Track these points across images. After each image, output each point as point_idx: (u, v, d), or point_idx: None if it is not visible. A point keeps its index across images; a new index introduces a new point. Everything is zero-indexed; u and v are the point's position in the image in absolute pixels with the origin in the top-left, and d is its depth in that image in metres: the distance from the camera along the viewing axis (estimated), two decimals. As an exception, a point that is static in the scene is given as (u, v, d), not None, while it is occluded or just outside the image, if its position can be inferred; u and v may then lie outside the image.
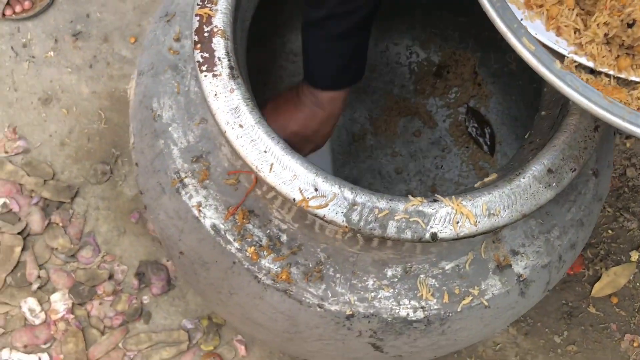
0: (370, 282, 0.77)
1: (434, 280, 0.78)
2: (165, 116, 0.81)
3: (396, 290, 0.77)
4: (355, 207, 0.64)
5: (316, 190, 0.64)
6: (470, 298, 0.78)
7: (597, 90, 0.60)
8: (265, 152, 0.65)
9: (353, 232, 0.66)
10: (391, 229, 0.65)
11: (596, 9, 0.61)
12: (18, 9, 1.34)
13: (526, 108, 1.13)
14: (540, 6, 0.63)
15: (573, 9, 0.62)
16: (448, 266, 0.78)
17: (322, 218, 0.65)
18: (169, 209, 0.81)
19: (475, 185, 0.70)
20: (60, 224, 1.24)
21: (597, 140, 0.70)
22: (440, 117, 1.21)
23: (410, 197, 0.65)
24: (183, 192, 0.79)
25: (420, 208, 0.65)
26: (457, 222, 0.65)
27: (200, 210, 0.78)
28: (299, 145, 0.88)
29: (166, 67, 0.82)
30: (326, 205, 0.64)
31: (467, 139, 1.19)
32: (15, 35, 1.37)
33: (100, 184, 1.29)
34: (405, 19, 1.20)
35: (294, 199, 0.65)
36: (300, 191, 0.64)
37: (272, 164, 0.65)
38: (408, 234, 0.65)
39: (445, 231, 0.65)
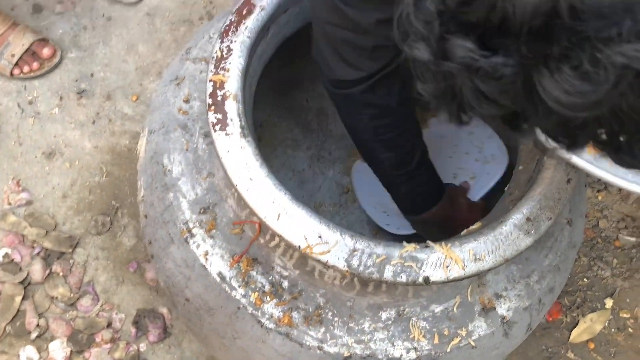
0: (366, 324, 0.83)
1: (425, 323, 0.84)
2: (175, 171, 0.87)
3: (390, 332, 0.83)
4: (355, 252, 0.71)
5: (320, 237, 0.71)
6: (459, 339, 0.84)
7: None
8: (273, 202, 0.72)
9: (353, 277, 0.72)
10: (388, 273, 0.71)
11: None
12: (26, 69, 1.42)
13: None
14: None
15: None
16: (438, 309, 0.84)
17: (325, 263, 0.71)
18: (177, 258, 0.86)
19: (462, 233, 0.77)
20: (61, 274, 1.29)
21: (570, 191, 0.78)
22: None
23: (404, 243, 0.72)
24: (191, 242, 0.85)
25: (414, 254, 0.72)
26: (447, 266, 0.72)
27: (207, 259, 0.84)
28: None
29: (176, 126, 0.90)
30: (329, 251, 0.71)
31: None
32: (21, 93, 1.44)
33: (100, 235, 1.34)
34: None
35: (299, 246, 0.71)
36: (305, 238, 0.71)
37: (279, 214, 0.71)
38: (403, 278, 0.71)
39: (436, 275, 0.72)
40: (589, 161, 0.65)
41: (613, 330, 1.34)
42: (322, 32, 0.78)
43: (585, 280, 1.37)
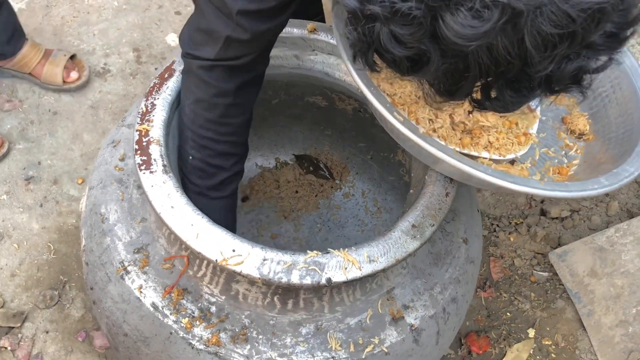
0: (288, 339, 0.92)
1: (341, 334, 0.93)
2: (111, 218, 0.98)
3: (310, 345, 0.92)
4: (265, 261, 0.82)
5: (234, 251, 0.82)
6: (372, 346, 0.93)
7: (445, 144, 0.84)
8: (192, 225, 0.83)
9: (265, 283, 0.83)
10: (295, 277, 0.82)
11: (445, 104, 0.86)
12: (-24, 160, 1.53)
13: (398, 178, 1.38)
14: (403, 104, 0.88)
15: (425, 107, 0.88)
16: (352, 322, 0.94)
17: (240, 273, 0.82)
18: (115, 295, 0.95)
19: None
20: (9, 348, 1.33)
21: (449, 203, 0.92)
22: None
23: (308, 251, 0.84)
24: (127, 278, 0.94)
25: (317, 259, 0.83)
26: (346, 268, 0.83)
27: (141, 292, 0.93)
28: None
29: (112, 180, 1.02)
30: (242, 262, 0.82)
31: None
32: (-28, 183, 1.54)
33: (48, 309, 1.40)
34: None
35: (216, 260, 0.82)
36: (221, 253, 0.82)
37: (198, 233, 0.83)
38: (308, 280, 0.82)
39: (337, 276, 0.83)
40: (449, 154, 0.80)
41: (538, 357, 1.44)
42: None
43: (508, 314, 1.48)
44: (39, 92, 1.66)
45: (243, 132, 1.01)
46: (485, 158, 0.89)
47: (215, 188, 1.00)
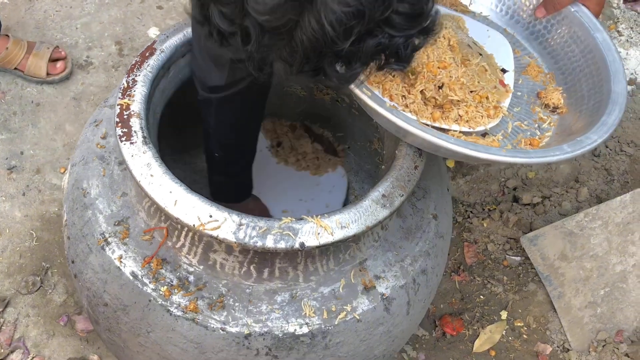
0: (264, 307, 0.95)
1: (315, 302, 0.97)
2: (93, 193, 1.01)
3: (285, 312, 0.95)
4: (241, 227, 0.86)
5: (210, 216, 0.86)
6: (345, 313, 0.97)
7: (413, 117, 0.89)
8: (170, 192, 0.87)
9: (241, 247, 0.87)
10: (269, 242, 0.86)
11: (417, 81, 0.93)
12: (-43, 150, 1.55)
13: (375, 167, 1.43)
14: (378, 82, 0.93)
15: (399, 84, 0.94)
16: (326, 290, 0.98)
17: (216, 238, 0.85)
18: (95, 265, 0.98)
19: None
20: (-9, 331, 1.35)
21: (417, 175, 0.96)
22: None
23: (282, 217, 0.87)
24: (107, 249, 0.97)
25: (291, 224, 0.87)
26: (319, 233, 0.87)
27: (121, 262, 0.96)
28: None
29: (94, 157, 1.05)
30: (219, 227, 0.85)
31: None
32: (-46, 172, 1.56)
33: (30, 294, 1.42)
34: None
35: (193, 225, 0.85)
36: (199, 218, 0.86)
37: (176, 200, 0.86)
38: (282, 244, 0.86)
39: (310, 240, 0.87)
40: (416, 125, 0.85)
41: (510, 338, 1.48)
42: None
43: (481, 297, 1.53)
44: (21, 84, 1.69)
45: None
46: (456, 131, 0.94)
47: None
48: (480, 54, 1.02)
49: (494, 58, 1.06)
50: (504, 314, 1.51)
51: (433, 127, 0.92)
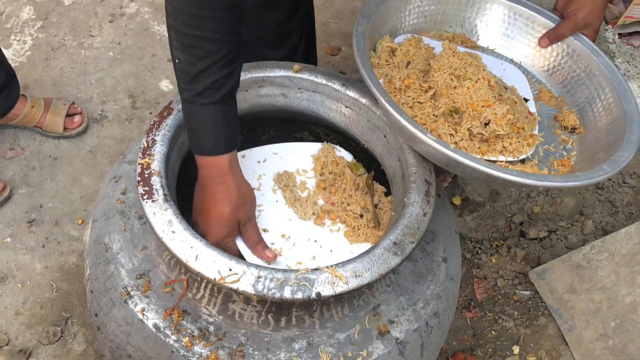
0: (282, 355, 0.99)
1: (331, 348, 1.00)
2: (115, 247, 1.06)
3: (303, 359, 0.98)
4: (260, 279, 0.90)
5: (230, 270, 0.90)
6: (361, 358, 1.00)
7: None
8: (191, 247, 0.91)
9: (259, 300, 0.90)
10: (287, 292, 0.90)
11: (463, 120, 1.04)
12: (-21, 205, 1.60)
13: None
14: (424, 124, 1.05)
15: (444, 123, 1.04)
16: (342, 337, 1.01)
17: (236, 290, 0.89)
18: (119, 318, 1.02)
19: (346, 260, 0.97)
20: (14, 383, 1.38)
21: (426, 222, 1.00)
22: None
23: (299, 268, 0.91)
24: (130, 302, 1.01)
25: (307, 275, 0.91)
26: (334, 283, 0.91)
27: (144, 314, 1.00)
28: (229, 229, 1.02)
29: (115, 212, 1.10)
30: (238, 280, 0.89)
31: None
32: (-24, 228, 1.61)
33: (51, 344, 1.46)
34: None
35: (214, 278, 0.89)
36: (219, 272, 0.90)
37: (197, 255, 0.90)
38: (300, 295, 0.90)
39: (326, 290, 0.90)
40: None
41: (523, 373, 1.50)
42: None
43: (493, 332, 1.55)
44: (39, 140, 1.75)
45: (231, 28, 0.90)
46: (502, 161, 1.04)
47: (202, 94, 0.92)
48: (506, 87, 1.12)
49: (516, 90, 1.16)
50: (516, 349, 1.53)
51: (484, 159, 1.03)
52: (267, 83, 1.18)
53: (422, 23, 1.28)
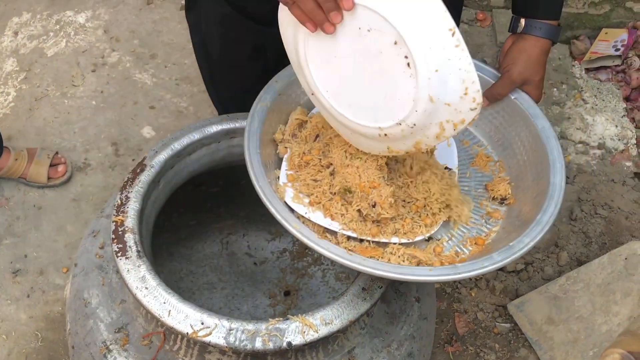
0: (259, 403, 1.01)
1: (308, 392, 1.02)
2: (93, 302, 1.08)
3: (279, 406, 1.00)
4: (232, 331, 0.92)
5: (202, 323, 0.92)
6: (336, 402, 1.02)
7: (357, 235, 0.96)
8: (164, 303, 0.94)
9: (233, 352, 0.93)
10: (258, 344, 0.92)
11: (353, 199, 0.99)
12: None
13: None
14: (319, 203, 1.01)
15: (339, 202, 1.00)
16: (318, 381, 1.04)
17: (209, 344, 0.92)
18: (99, 373, 1.04)
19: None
20: None
21: (394, 266, 1.03)
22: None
23: (270, 319, 0.94)
24: (109, 356, 1.03)
25: (277, 325, 0.94)
26: (304, 332, 0.93)
27: (123, 368, 1.02)
28: None
29: (94, 267, 1.12)
30: (210, 333, 0.92)
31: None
32: (-38, 280, 1.63)
33: (36, 396, 1.47)
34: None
35: (187, 332, 0.92)
36: (191, 326, 0.92)
37: (169, 310, 0.93)
38: (271, 345, 0.92)
39: (296, 339, 0.93)
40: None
41: (506, 406, 1.52)
42: None
43: (475, 366, 1.57)
44: (24, 190, 1.78)
45: None
46: (395, 243, 0.98)
47: None
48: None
49: (437, 163, 1.08)
50: (498, 382, 1.55)
51: (374, 242, 0.98)
52: (239, 134, 1.22)
53: None
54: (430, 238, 1.02)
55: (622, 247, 1.62)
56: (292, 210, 0.99)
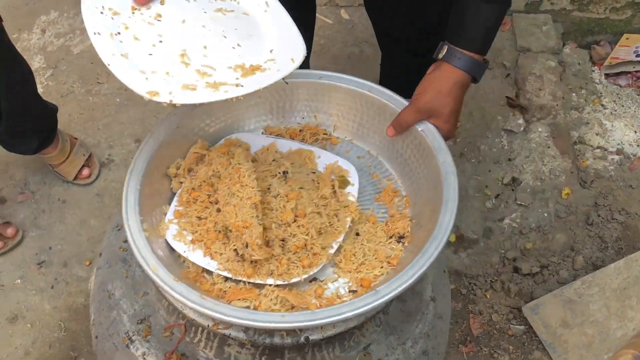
0: (273, 397, 1.03)
1: (322, 384, 1.04)
2: (117, 294, 1.12)
3: (295, 399, 1.03)
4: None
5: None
6: (351, 397, 1.04)
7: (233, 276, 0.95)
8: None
9: (253, 344, 0.95)
10: (277, 338, 0.95)
11: (230, 240, 0.97)
12: (-10, 249, 1.68)
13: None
14: (201, 241, 1.00)
15: (220, 241, 0.98)
16: (333, 376, 1.06)
17: (229, 336, 0.95)
18: (122, 362, 1.07)
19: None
20: (23, 422, 1.43)
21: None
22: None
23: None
24: (132, 347, 1.07)
25: (295, 320, 0.96)
26: (322, 327, 0.96)
27: (144, 358, 1.05)
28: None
29: (117, 260, 1.16)
30: (230, 327, 0.95)
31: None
32: (-13, 270, 1.68)
33: (59, 384, 1.51)
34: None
35: (208, 325, 0.95)
36: (213, 320, 0.95)
37: (191, 308, 0.96)
38: (289, 340, 0.95)
39: (314, 334, 0.96)
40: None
41: (518, 408, 1.53)
42: None
43: (488, 367, 1.59)
44: (49, 183, 1.83)
45: None
46: (271, 285, 0.96)
47: None
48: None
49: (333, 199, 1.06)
50: (511, 383, 1.56)
51: (250, 282, 0.96)
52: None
53: (268, 120, 1.18)
54: (315, 279, 1.00)
55: (638, 252, 1.63)
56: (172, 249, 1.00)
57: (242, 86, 0.91)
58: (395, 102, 1.09)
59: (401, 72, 1.53)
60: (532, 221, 1.79)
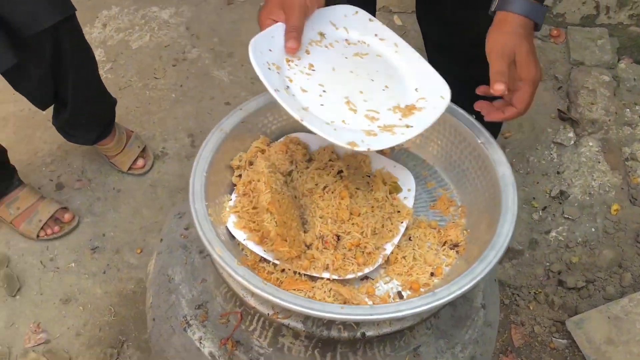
0: (327, 387, 1.06)
1: (372, 383, 1.06)
2: (177, 279, 1.16)
3: (346, 393, 1.05)
4: (309, 317, 0.98)
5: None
6: (400, 395, 1.06)
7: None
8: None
9: (307, 336, 0.98)
10: (334, 331, 0.97)
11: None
12: (49, 232, 1.74)
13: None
14: (258, 231, 1.01)
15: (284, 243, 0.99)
16: (383, 374, 1.08)
17: (287, 326, 0.98)
18: (178, 345, 1.11)
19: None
20: (73, 400, 1.48)
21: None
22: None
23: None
24: (189, 330, 1.10)
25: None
26: (378, 324, 0.98)
27: (201, 342, 1.09)
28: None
29: (178, 246, 1.20)
30: (289, 316, 0.98)
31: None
32: (44, 252, 1.74)
33: (108, 366, 1.56)
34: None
35: (268, 314, 0.98)
36: (272, 308, 0.98)
37: (253, 293, 0.99)
38: (345, 334, 0.97)
39: (370, 330, 0.98)
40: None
41: (558, 421, 1.52)
42: None
43: (529, 379, 1.58)
44: (105, 172, 1.89)
45: None
46: (325, 278, 0.98)
47: None
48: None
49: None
50: (552, 397, 1.55)
51: (305, 275, 0.99)
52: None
53: None
54: (366, 277, 1.02)
55: (689, 273, 1.61)
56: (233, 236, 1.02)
57: (411, 127, 0.94)
58: (457, 114, 1.10)
59: (447, 81, 1.54)
60: (578, 235, 1.78)
